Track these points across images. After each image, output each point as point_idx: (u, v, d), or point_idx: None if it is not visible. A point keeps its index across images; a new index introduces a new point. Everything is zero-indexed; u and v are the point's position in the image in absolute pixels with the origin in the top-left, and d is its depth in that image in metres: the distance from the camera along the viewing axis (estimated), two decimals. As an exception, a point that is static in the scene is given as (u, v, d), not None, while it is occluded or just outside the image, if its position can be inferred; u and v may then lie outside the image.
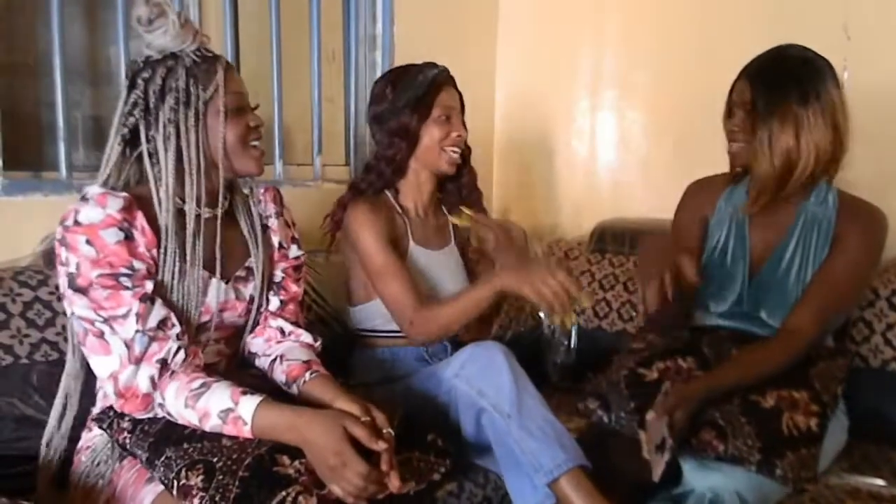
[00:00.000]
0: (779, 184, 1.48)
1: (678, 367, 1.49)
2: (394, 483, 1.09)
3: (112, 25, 1.72)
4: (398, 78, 1.64)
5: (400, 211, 1.66)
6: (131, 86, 1.19)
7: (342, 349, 1.67)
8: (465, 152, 1.69)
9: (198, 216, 1.21)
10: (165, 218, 1.18)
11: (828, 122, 1.45)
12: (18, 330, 1.32)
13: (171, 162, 1.18)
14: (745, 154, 1.52)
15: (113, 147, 1.20)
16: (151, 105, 1.18)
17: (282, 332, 1.37)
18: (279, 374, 1.30)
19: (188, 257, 1.20)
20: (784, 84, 1.46)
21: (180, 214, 1.20)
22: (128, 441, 1.15)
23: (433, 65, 1.63)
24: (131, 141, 1.21)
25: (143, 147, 1.19)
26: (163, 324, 1.15)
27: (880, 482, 1.45)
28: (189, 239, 1.20)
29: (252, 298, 1.33)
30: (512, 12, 2.65)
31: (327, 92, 2.23)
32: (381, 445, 1.08)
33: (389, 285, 1.53)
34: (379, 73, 2.27)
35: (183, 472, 1.06)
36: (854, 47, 1.98)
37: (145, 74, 1.18)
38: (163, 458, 1.09)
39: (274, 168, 2.04)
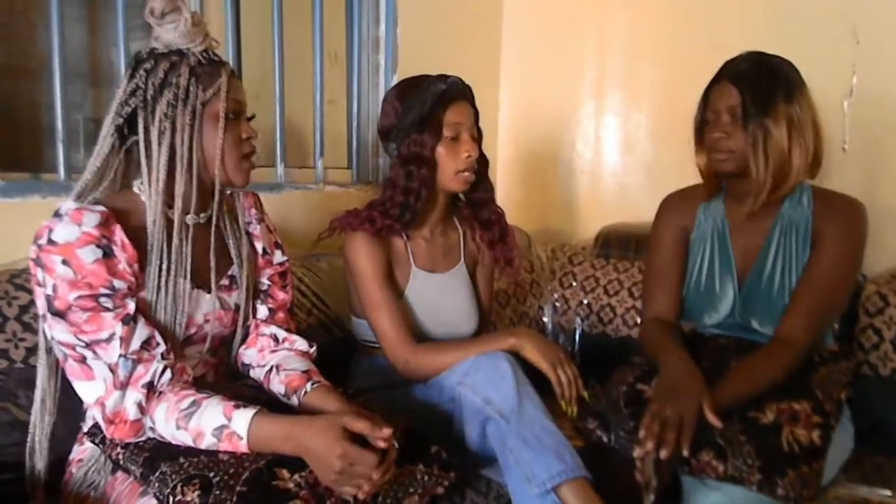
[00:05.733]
0: (775, 183, 1.45)
1: None
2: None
3: (112, 27, 1.70)
4: (406, 91, 1.53)
5: (405, 236, 1.59)
6: (132, 75, 1.16)
7: (343, 354, 1.65)
8: (482, 167, 1.59)
9: (185, 224, 1.18)
10: (153, 215, 1.14)
11: (812, 119, 1.45)
12: (14, 334, 1.31)
13: (164, 159, 1.15)
14: (734, 161, 1.47)
15: (106, 138, 1.16)
16: (149, 97, 1.14)
17: (275, 339, 1.35)
18: (277, 385, 1.27)
19: (173, 267, 1.16)
20: (771, 83, 1.43)
21: (166, 222, 1.16)
22: (121, 456, 1.12)
23: (443, 78, 1.52)
24: (124, 134, 1.17)
25: (140, 138, 1.15)
26: (147, 344, 1.11)
27: (888, 493, 1.43)
28: (175, 245, 1.16)
29: (238, 307, 1.31)
30: (516, 15, 2.64)
31: (330, 94, 2.21)
32: (382, 442, 1.05)
33: (382, 321, 1.50)
34: (382, 76, 2.27)
35: (179, 488, 1.02)
36: (863, 52, 1.97)
37: (147, 66, 1.16)
38: (157, 474, 1.05)
39: (276, 171, 2.01)
